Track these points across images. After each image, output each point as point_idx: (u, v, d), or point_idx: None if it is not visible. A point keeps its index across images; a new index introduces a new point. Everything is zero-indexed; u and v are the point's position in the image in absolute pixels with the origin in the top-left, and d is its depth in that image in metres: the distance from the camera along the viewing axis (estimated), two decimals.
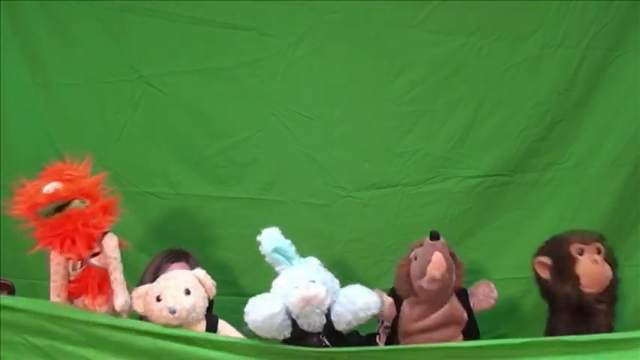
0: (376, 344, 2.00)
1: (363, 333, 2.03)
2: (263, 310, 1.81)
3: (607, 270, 1.97)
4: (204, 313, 1.90)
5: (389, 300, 1.96)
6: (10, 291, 2.22)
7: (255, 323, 1.81)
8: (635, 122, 2.36)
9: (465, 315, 1.99)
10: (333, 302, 1.83)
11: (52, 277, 1.88)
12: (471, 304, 2.01)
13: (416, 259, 1.94)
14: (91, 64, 2.52)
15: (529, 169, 2.42)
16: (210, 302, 2.24)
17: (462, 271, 2.01)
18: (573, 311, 1.97)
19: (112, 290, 1.85)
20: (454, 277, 1.94)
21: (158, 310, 1.83)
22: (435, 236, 1.92)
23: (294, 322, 1.84)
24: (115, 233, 2.50)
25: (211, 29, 2.45)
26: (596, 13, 2.34)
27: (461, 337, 1.98)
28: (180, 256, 2.22)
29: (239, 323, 2.44)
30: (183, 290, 1.86)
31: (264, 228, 2.46)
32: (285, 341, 1.86)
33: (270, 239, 1.91)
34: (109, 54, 2.50)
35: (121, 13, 2.48)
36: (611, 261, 2.00)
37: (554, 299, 2.03)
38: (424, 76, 2.41)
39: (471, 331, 1.99)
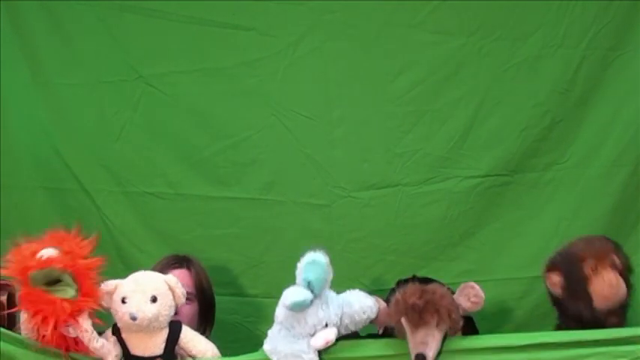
0: None
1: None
2: None
3: (622, 288, 1.91)
4: (168, 321, 1.86)
5: (383, 306, 1.91)
6: (11, 292, 2.21)
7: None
8: (635, 122, 2.35)
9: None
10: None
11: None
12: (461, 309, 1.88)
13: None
14: (91, 63, 2.51)
15: (529, 169, 2.42)
16: (212, 304, 2.25)
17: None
18: (584, 324, 1.92)
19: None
20: None
21: (121, 313, 1.82)
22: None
23: None
24: (115, 234, 2.52)
25: (211, 29, 2.45)
26: (596, 13, 2.34)
27: None
28: (182, 262, 2.21)
29: (238, 323, 2.46)
30: (149, 297, 1.82)
31: (264, 228, 2.50)
32: None
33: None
34: (108, 54, 2.50)
35: (121, 13, 2.47)
36: (627, 271, 1.95)
37: (565, 312, 1.99)
38: (424, 76, 2.41)
39: (469, 332, 1.97)
